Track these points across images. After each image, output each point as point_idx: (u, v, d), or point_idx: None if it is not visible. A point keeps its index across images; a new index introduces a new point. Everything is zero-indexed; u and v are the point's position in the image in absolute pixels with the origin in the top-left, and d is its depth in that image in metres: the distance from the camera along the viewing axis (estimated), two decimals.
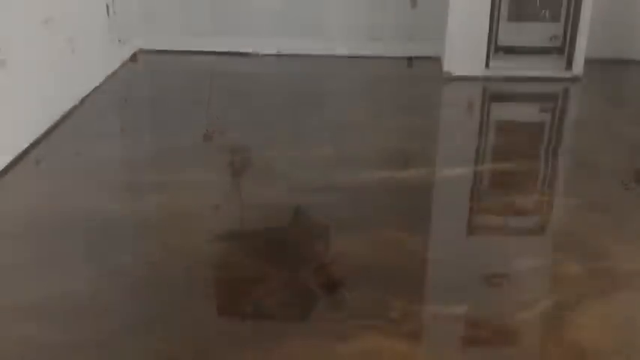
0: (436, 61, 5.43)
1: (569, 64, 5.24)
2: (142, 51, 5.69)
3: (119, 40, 5.31)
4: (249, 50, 5.71)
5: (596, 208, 3.53)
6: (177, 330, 2.66)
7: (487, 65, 5.25)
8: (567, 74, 5.24)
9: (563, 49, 5.25)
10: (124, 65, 5.41)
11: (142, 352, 2.56)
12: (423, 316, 2.76)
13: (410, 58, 5.65)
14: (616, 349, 2.57)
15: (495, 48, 5.26)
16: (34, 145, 4.05)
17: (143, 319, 2.75)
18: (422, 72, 5.45)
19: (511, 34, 5.24)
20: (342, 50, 5.67)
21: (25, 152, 3.97)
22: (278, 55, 5.70)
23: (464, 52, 5.20)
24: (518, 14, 5.22)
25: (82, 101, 4.68)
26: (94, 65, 4.97)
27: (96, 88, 4.92)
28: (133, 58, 5.56)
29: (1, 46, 3.75)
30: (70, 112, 4.50)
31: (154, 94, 5.23)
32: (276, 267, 3.03)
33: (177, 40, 5.73)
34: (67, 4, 4.55)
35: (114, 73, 5.23)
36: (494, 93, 5.21)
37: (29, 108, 4.08)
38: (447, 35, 5.21)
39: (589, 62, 5.19)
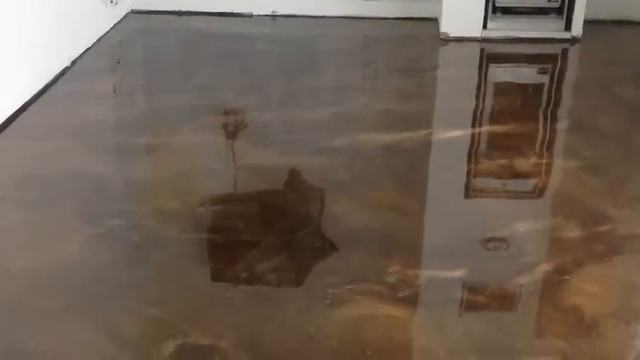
0: (433, 22, 5.36)
1: (568, 25, 5.16)
2: (134, 12, 5.60)
3: (111, 1, 5.23)
4: (244, 11, 5.63)
5: (596, 170, 3.49)
6: (170, 294, 2.64)
7: (485, 26, 5.17)
8: (566, 35, 5.17)
9: (562, 9, 5.16)
10: (116, 26, 5.33)
11: (134, 316, 2.54)
12: (420, 281, 2.73)
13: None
14: (616, 314, 2.54)
15: (493, 9, 5.18)
16: (24, 108, 3.98)
17: (135, 283, 2.72)
18: (418, 33, 5.37)
19: None
20: (337, 11, 5.59)
21: (15, 115, 3.90)
22: (273, 16, 5.62)
23: (461, 12, 5.11)
24: None
25: (74, 62, 4.61)
26: (86, 26, 4.88)
27: (87, 49, 4.84)
28: None
29: None
30: (61, 74, 4.43)
31: (146, 56, 5.16)
32: (271, 231, 3.00)
33: (170, 1, 5.64)
34: None
35: (106, 34, 5.15)
36: (491, 54, 5.14)
37: (19, 70, 4.00)
38: None
39: (588, 23, 5.11)
